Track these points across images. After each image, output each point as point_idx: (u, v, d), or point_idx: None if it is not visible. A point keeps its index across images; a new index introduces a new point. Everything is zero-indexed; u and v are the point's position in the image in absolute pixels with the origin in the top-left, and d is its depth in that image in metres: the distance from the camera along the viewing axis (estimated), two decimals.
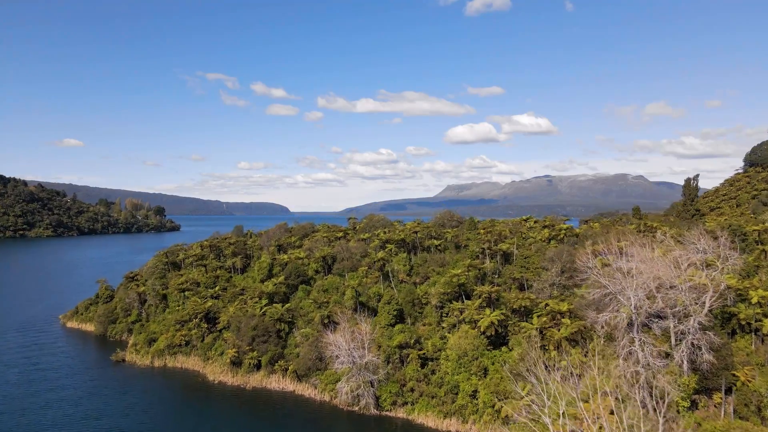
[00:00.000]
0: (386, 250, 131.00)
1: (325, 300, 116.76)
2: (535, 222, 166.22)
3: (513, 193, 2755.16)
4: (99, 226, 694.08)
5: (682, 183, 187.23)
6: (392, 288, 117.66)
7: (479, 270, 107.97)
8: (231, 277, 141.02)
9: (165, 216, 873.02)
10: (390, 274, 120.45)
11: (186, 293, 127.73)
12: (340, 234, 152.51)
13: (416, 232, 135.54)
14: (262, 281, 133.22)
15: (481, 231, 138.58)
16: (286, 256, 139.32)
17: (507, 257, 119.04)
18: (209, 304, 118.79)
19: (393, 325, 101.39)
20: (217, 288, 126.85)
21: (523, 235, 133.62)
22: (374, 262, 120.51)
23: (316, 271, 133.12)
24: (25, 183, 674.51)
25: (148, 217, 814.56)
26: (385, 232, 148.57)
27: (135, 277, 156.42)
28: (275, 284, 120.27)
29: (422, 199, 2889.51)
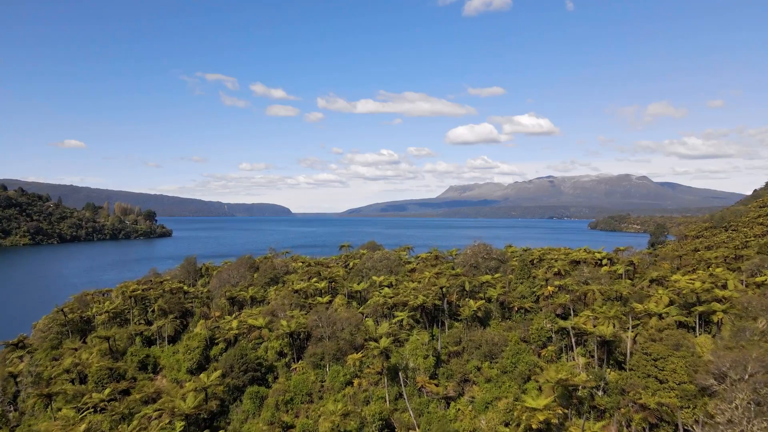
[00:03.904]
0: (394, 322, 79.78)
1: (289, 422, 65.85)
2: (609, 260, 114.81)
3: (516, 194, 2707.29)
4: (83, 232, 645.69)
5: (685, 183, 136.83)
6: (404, 400, 66.57)
7: (569, 389, 56.60)
8: (148, 356, 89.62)
9: (156, 220, 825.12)
10: (401, 373, 69.29)
11: (54, 400, 76.37)
12: (323, 284, 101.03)
13: (442, 288, 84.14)
14: (190, 371, 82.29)
15: (546, 287, 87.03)
16: (235, 323, 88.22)
17: (609, 346, 67.37)
18: (83, 427, 67.33)
19: None
20: (107, 391, 75.43)
21: (618, 295, 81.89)
22: (376, 355, 69.11)
23: (280, 354, 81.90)
24: (4, 187, 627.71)
25: (137, 222, 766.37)
26: (391, 284, 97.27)
27: (22, 344, 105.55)
28: (203, 389, 69.05)
29: (424, 200, 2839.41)
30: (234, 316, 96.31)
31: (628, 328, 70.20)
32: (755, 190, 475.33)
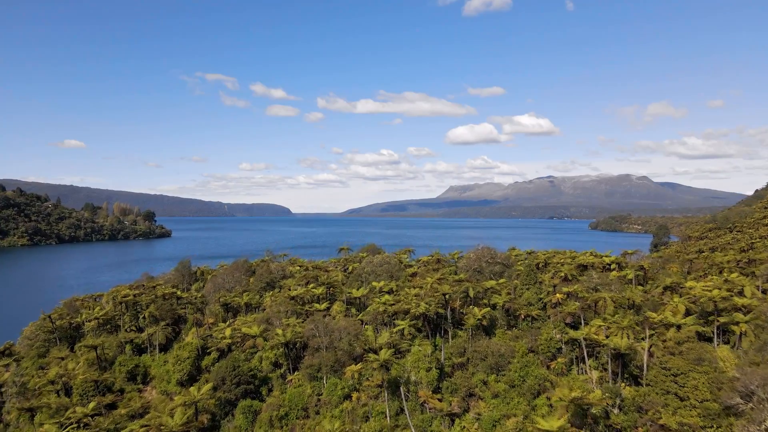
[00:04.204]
0: (395, 331, 75.89)
1: None
2: (617, 265, 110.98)
3: (516, 194, 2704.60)
4: (81, 233, 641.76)
5: (685, 183, 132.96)
6: (406, 416, 62.68)
7: (584, 407, 52.64)
8: (137, 366, 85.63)
9: (155, 221, 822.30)
10: (402, 387, 65.39)
11: (37, 413, 72.56)
12: (320, 289, 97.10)
13: (445, 295, 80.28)
14: (180, 383, 78.41)
15: (554, 294, 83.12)
16: (229, 331, 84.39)
17: (623, 358, 63.35)
18: None
19: None
20: (91, 405, 71.60)
21: (630, 302, 77.89)
22: (376, 368, 65.17)
23: (275, 365, 78.03)
24: (2, 187, 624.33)
25: (137, 222, 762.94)
26: (392, 290, 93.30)
27: (9, 351, 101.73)
28: (193, 403, 65.21)
29: (424, 200, 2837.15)
30: (228, 323, 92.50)
31: (643, 339, 66.31)
32: (757, 190, 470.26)
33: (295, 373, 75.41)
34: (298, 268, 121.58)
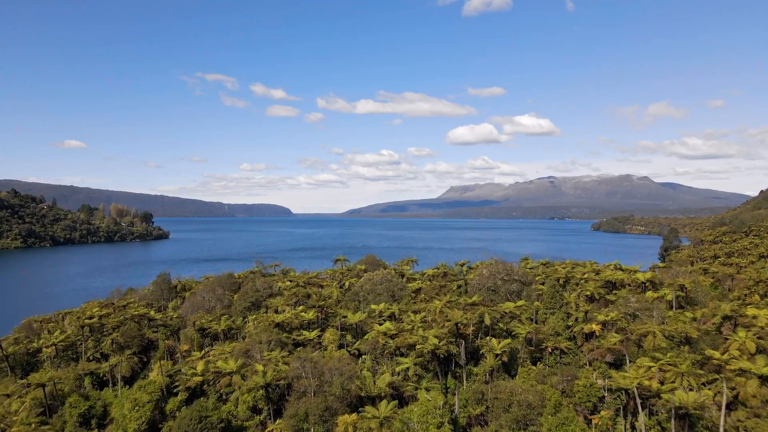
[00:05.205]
0: (398, 371, 62.75)
1: None
2: (651, 283, 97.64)
3: (516, 195, 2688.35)
4: (77, 235, 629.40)
5: (686, 184, 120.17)
6: None
7: None
8: (92, 407, 72.37)
9: (152, 222, 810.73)
10: None
11: None
12: (311, 313, 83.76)
13: (457, 324, 67.11)
14: None
15: (587, 323, 69.84)
16: (201, 366, 71.19)
17: (689, 417, 50.13)
18: None
19: None
20: None
21: (682, 335, 64.54)
22: (373, 428, 51.95)
23: (253, 410, 64.87)
24: None
25: (134, 223, 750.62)
26: (393, 315, 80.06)
27: None
28: None
29: (425, 201, 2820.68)
30: (203, 352, 79.50)
31: (705, 384, 53.31)
32: (762, 191, 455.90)
33: (277, 420, 62.31)
34: (288, 283, 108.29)
